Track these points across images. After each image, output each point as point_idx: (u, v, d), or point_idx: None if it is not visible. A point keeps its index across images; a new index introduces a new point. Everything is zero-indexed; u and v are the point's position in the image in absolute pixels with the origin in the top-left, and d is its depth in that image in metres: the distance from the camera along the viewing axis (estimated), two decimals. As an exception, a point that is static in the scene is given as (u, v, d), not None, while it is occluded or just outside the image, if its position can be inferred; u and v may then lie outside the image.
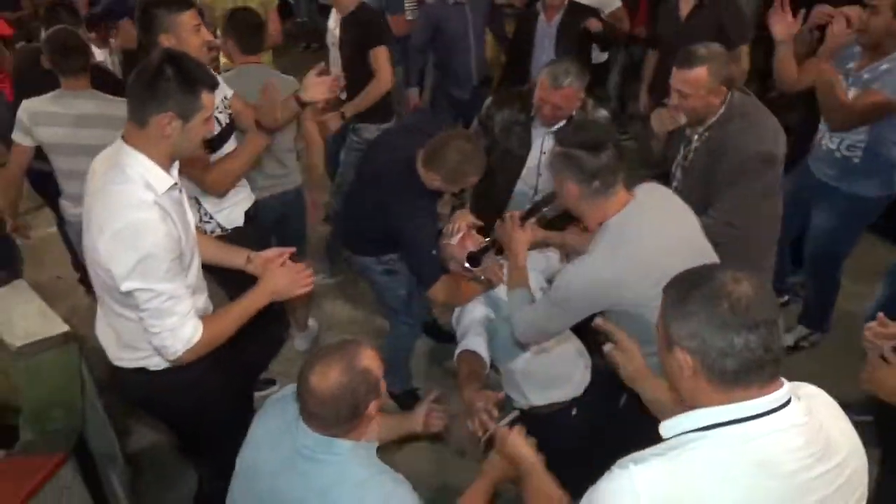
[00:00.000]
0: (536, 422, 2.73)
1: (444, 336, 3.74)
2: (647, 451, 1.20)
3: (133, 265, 1.73)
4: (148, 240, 1.73)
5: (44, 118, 2.95)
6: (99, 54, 4.21)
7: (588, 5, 4.28)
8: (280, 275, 2.06)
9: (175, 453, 2.96)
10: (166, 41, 2.32)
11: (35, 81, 3.23)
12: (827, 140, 3.10)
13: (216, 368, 2.09)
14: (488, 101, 3.16)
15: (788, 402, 1.16)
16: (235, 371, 2.26)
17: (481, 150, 2.64)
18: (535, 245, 2.49)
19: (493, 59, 5.15)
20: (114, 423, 2.74)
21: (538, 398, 2.68)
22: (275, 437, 1.66)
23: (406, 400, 3.27)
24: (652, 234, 1.94)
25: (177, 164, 1.94)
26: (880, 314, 1.82)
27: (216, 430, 2.14)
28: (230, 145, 2.64)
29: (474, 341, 2.40)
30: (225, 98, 2.67)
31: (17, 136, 3.00)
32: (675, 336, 1.19)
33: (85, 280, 3.21)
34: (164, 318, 1.81)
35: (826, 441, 1.16)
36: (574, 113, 2.90)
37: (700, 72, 2.43)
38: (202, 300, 2.06)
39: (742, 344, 1.12)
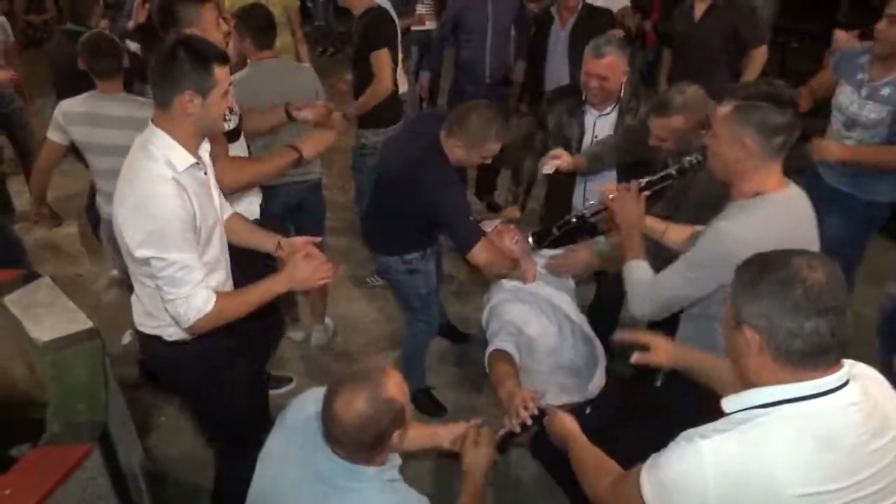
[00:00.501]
0: (543, 419, 2.77)
1: (459, 337, 3.79)
2: (710, 426, 1.26)
3: (146, 234, 1.84)
4: (161, 211, 1.84)
5: (77, 118, 3.06)
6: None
7: (601, 7, 4.32)
8: (302, 265, 2.11)
9: (195, 447, 3.03)
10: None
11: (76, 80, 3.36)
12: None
13: (226, 344, 2.17)
14: (543, 103, 3.25)
15: (847, 382, 1.23)
16: (245, 348, 2.32)
17: (502, 118, 2.68)
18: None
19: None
20: (134, 420, 2.81)
21: (555, 398, 2.71)
22: (297, 455, 1.66)
23: (421, 398, 3.31)
24: (802, 229, 1.91)
25: (207, 147, 2.04)
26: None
27: (229, 406, 2.22)
28: (235, 149, 2.67)
29: (505, 341, 2.43)
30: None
31: (50, 133, 3.12)
32: (745, 314, 1.25)
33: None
34: (178, 287, 1.90)
35: (882, 417, 1.23)
36: (622, 94, 2.97)
37: (677, 120, 2.49)
38: (217, 278, 2.11)
39: (812, 328, 1.18)
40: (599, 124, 3.03)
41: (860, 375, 1.28)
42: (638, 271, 2.12)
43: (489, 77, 4.54)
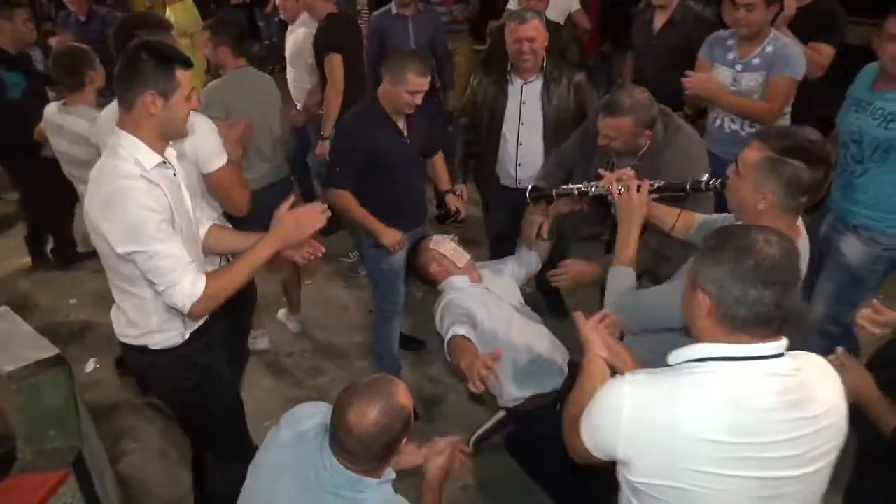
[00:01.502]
0: (522, 417, 2.83)
1: (415, 344, 3.87)
2: (645, 370, 1.40)
3: (122, 228, 1.86)
4: (132, 205, 1.86)
5: (49, 126, 3.26)
6: None
7: (552, 21, 4.43)
8: (287, 218, 2.07)
9: (167, 472, 3.00)
10: None
11: None
12: (728, 122, 3.33)
13: (212, 348, 2.21)
14: (473, 81, 3.52)
15: (781, 355, 1.32)
16: (226, 352, 2.36)
17: (420, 58, 2.95)
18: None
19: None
20: (104, 446, 2.77)
21: (518, 391, 2.77)
22: (294, 468, 1.68)
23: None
24: None
25: (174, 152, 2.07)
26: (874, 301, 1.95)
27: (219, 409, 2.23)
28: None
29: (462, 328, 2.47)
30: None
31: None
32: (700, 278, 1.34)
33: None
34: (164, 276, 1.91)
35: (805, 395, 1.30)
36: (545, 63, 3.28)
37: (624, 120, 2.54)
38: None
39: (756, 297, 1.27)
40: (527, 91, 3.32)
41: (804, 359, 1.37)
42: (622, 278, 2.10)
43: None
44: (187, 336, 2.14)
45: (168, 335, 2.11)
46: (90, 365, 3.53)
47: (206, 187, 2.60)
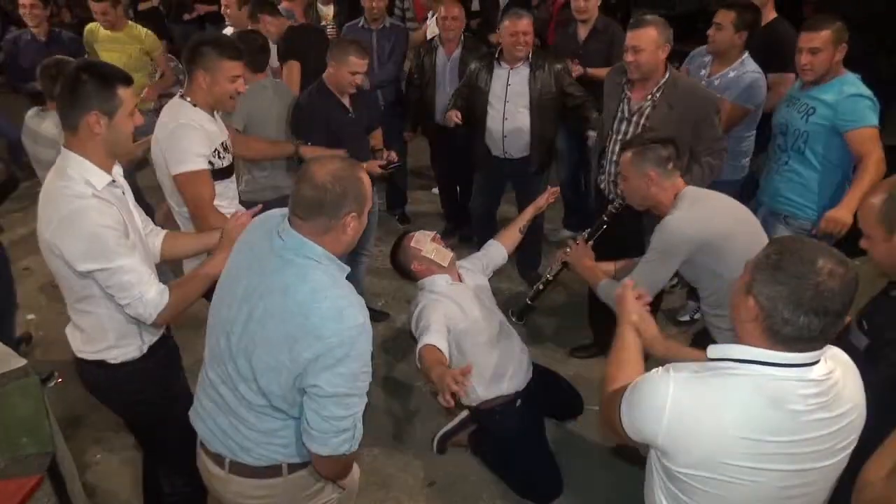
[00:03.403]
0: (485, 415, 2.95)
1: (376, 314, 4.07)
2: (689, 364, 1.47)
3: (83, 247, 1.90)
4: (89, 224, 1.90)
5: (27, 132, 3.34)
6: None
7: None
8: (234, 230, 2.15)
9: (133, 483, 3.01)
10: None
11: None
12: None
13: (169, 359, 2.28)
14: (474, 67, 4.07)
15: (816, 362, 1.39)
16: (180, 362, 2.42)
17: (361, 44, 3.51)
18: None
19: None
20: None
21: (485, 392, 2.88)
22: (254, 243, 1.79)
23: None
24: (721, 200, 2.54)
25: (120, 170, 2.11)
26: None
27: (175, 420, 2.21)
28: (224, 185, 2.86)
29: (434, 337, 2.56)
30: (224, 143, 2.85)
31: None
32: (756, 287, 1.38)
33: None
34: (129, 290, 1.97)
35: (836, 395, 1.40)
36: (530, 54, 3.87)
37: (650, 30, 3.05)
38: None
39: (805, 323, 1.32)
40: (514, 76, 3.91)
41: (832, 359, 1.45)
42: (609, 286, 2.62)
43: (383, 100, 4.81)
44: (145, 350, 2.19)
45: (126, 349, 2.15)
46: (53, 378, 3.51)
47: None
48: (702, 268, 2.49)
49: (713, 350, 1.47)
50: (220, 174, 2.79)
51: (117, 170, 2.10)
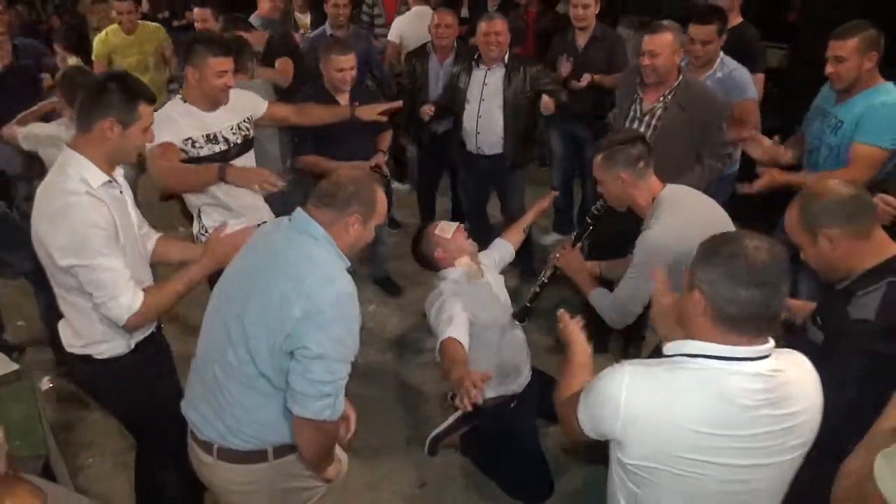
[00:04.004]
0: (479, 415, 2.95)
1: (394, 289, 4.46)
2: (644, 360, 1.55)
3: (67, 242, 1.95)
4: (78, 220, 1.95)
5: (45, 140, 3.29)
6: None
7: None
8: (216, 243, 2.24)
9: (125, 486, 3.02)
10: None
11: None
12: None
13: (157, 357, 2.30)
14: (455, 69, 4.23)
15: (766, 357, 1.44)
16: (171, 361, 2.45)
17: (344, 42, 3.89)
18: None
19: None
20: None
21: (491, 391, 2.87)
22: (264, 233, 2.02)
23: (385, 286, 4.47)
24: (698, 204, 2.52)
25: (121, 171, 2.17)
26: None
27: (163, 423, 2.23)
28: (243, 160, 3.02)
29: (458, 330, 2.50)
30: (247, 119, 3.08)
31: None
32: (697, 279, 1.47)
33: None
34: (104, 289, 2.01)
35: (784, 393, 1.44)
36: (507, 58, 4.03)
37: (666, 35, 3.15)
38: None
39: (747, 297, 1.39)
40: (490, 76, 4.07)
41: (787, 360, 1.49)
42: (600, 296, 2.65)
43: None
44: (133, 346, 2.21)
45: (113, 344, 2.17)
46: (44, 383, 3.52)
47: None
48: (681, 276, 2.48)
49: (668, 347, 1.52)
50: (200, 162, 2.87)
51: (119, 171, 2.16)
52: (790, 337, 2.15)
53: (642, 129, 3.29)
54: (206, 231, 2.95)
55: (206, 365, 1.92)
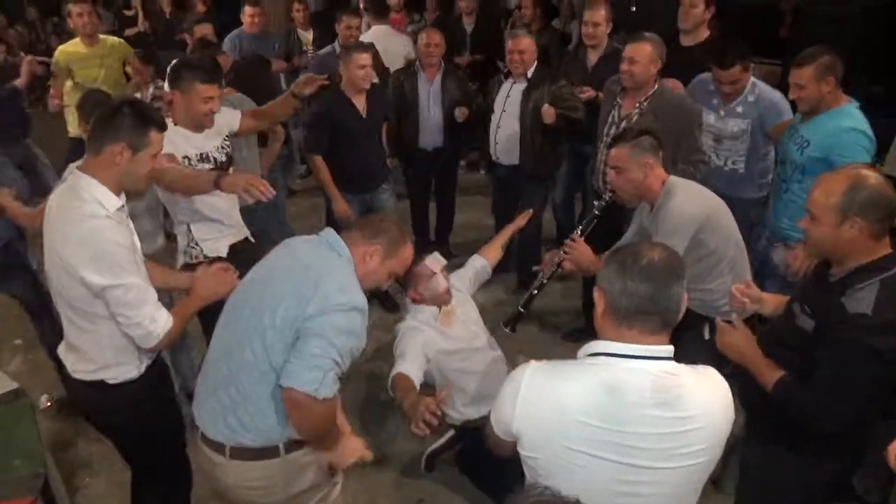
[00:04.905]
0: (471, 434, 2.97)
1: (390, 305, 4.45)
2: (551, 361, 1.59)
3: (100, 264, 1.97)
4: (107, 240, 1.99)
5: None
6: None
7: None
8: (205, 279, 2.32)
9: None
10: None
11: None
12: (714, 159, 3.71)
13: (164, 382, 2.34)
14: (493, 80, 4.51)
15: (662, 358, 1.49)
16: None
17: (361, 43, 4.33)
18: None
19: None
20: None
21: (472, 412, 2.92)
22: (286, 244, 2.13)
23: (382, 300, 4.47)
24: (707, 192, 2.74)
25: (123, 199, 2.17)
26: (748, 278, 2.47)
27: (165, 446, 2.30)
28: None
29: (406, 365, 2.62)
30: (227, 136, 3.16)
31: None
32: (599, 279, 1.55)
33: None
34: (140, 308, 2.04)
35: (676, 396, 1.46)
36: (530, 73, 4.19)
37: (646, 45, 3.40)
38: None
39: (634, 288, 1.46)
40: (513, 90, 4.26)
41: (691, 368, 1.53)
42: None
43: None
44: (143, 370, 2.22)
45: (124, 368, 2.18)
46: (42, 402, 3.52)
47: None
48: (696, 245, 2.64)
49: (580, 350, 1.57)
50: None
51: (122, 198, 2.17)
52: (777, 323, 2.19)
53: (613, 132, 3.47)
54: (196, 244, 3.02)
55: (218, 364, 2.00)
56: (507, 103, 4.25)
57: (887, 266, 1.88)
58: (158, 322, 2.08)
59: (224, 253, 3.05)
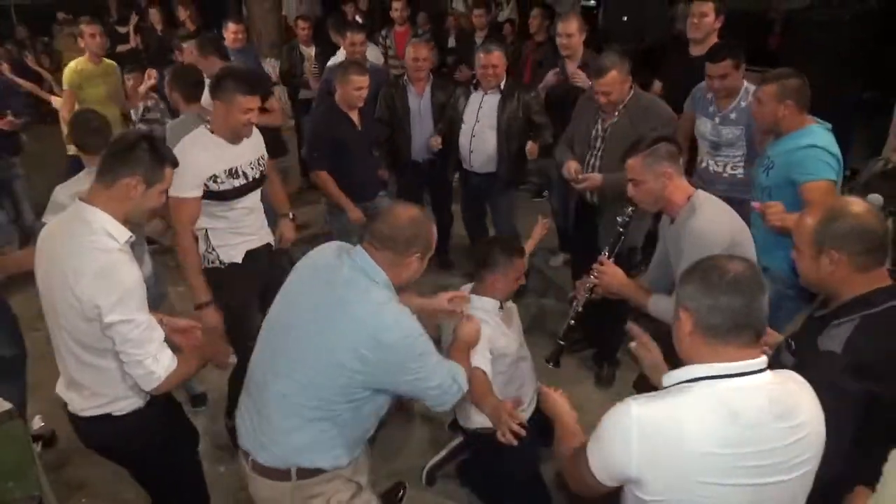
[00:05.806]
0: (480, 442, 2.92)
1: None
2: (646, 394, 1.51)
3: (116, 299, 1.93)
4: (124, 276, 1.96)
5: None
6: None
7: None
8: (208, 346, 2.36)
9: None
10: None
11: None
12: (713, 165, 3.71)
13: (171, 407, 2.30)
14: (457, 91, 4.54)
15: (763, 370, 1.46)
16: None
17: (359, 63, 4.27)
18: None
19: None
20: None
21: (486, 420, 2.86)
22: (317, 261, 2.05)
23: None
24: (733, 213, 2.52)
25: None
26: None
27: (181, 468, 2.28)
28: (250, 198, 3.10)
29: (481, 360, 2.52)
30: (262, 157, 3.18)
31: (47, 218, 2.87)
32: (679, 299, 1.51)
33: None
34: (145, 346, 2.00)
35: (789, 405, 1.44)
36: (503, 84, 4.29)
37: (613, 74, 3.40)
38: None
39: (727, 303, 1.43)
40: (486, 101, 4.33)
41: (786, 376, 1.51)
42: (661, 301, 2.52)
43: None
44: (150, 397, 2.17)
45: (131, 400, 2.15)
46: (36, 422, 3.47)
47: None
48: None
49: (666, 378, 1.53)
50: (219, 196, 2.96)
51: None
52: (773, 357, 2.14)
53: (599, 143, 3.59)
54: (213, 249, 3.04)
55: (259, 385, 2.01)
56: (481, 114, 4.33)
57: (875, 301, 1.76)
58: (161, 362, 2.02)
59: (240, 260, 3.08)
